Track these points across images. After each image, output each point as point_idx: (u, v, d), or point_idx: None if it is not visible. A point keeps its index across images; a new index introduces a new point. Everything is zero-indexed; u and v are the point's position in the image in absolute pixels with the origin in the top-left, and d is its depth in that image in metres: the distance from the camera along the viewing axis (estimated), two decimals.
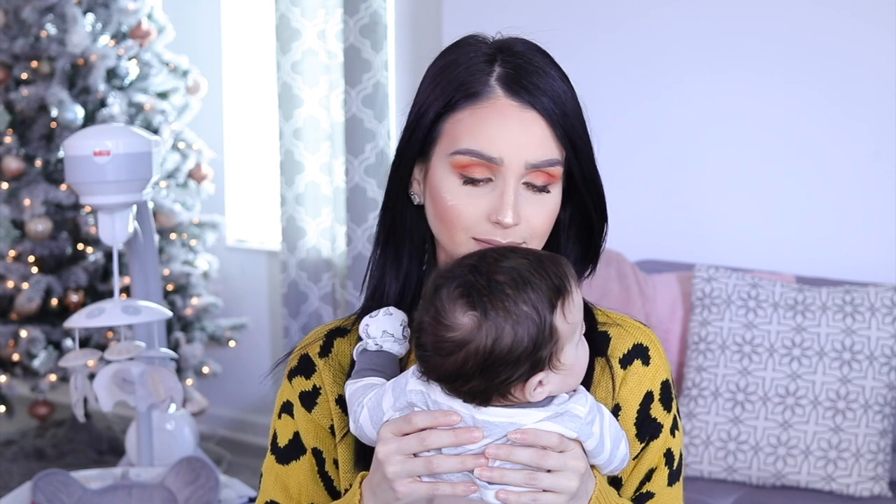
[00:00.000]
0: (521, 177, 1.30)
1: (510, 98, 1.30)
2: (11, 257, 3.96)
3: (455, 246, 1.32)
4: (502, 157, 1.28)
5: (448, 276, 1.21)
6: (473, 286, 1.19)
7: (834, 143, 3.12)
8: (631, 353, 1.38)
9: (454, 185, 1.30)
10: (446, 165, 1.31)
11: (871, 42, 3.03)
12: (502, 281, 1.19)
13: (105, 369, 2.44)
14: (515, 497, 1.20)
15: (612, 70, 3.40)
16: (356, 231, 3.91)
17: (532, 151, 1.29)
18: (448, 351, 1.19)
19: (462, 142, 1.30)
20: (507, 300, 1.18)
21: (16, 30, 3.99)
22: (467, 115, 1.30)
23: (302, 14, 3.93)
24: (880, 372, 2.74)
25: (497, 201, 1.29)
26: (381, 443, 1.23)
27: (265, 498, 1.43)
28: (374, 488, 1.25)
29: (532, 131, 1.29)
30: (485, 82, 1.30)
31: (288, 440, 1.42)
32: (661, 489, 1.37)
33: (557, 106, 1.30)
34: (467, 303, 1.18)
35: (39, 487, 2.36)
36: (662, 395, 1.38)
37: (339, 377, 1.40)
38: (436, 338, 1.19)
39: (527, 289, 1.19)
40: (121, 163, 2.38)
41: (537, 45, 1.35)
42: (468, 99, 1.30)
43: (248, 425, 4.49)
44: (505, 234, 1.30)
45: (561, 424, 1.21)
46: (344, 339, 1.43)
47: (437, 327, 1.19)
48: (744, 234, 3.25)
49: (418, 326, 1.22)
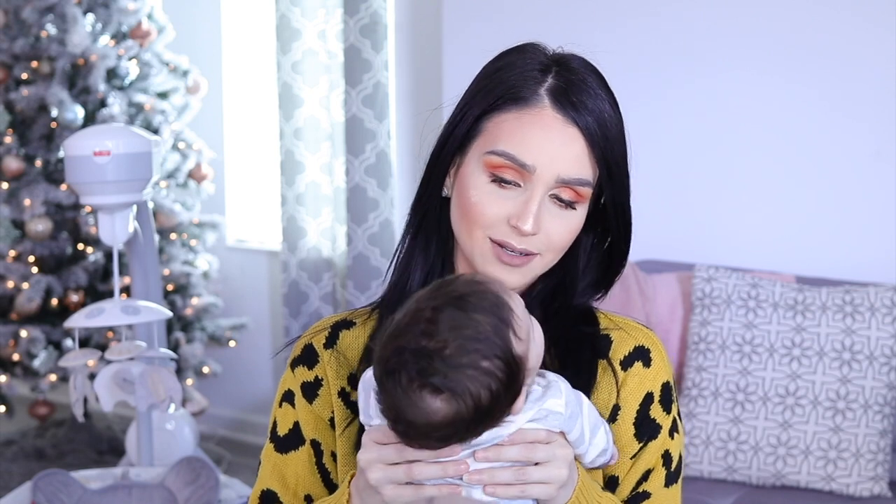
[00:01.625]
0: (550, 189, 1.30)
1: (556, 111, 1.30)
2: (11, 257, 3.96)
3: (472, 242, 1.32)
4: (535, 165, 1.29)
5: (393, 367, 1.16)
6: (426, 371, 1.15)
7: (834, 143, 3.12)
8: (632, 355, 1.38)
9: (482, 183, 1.31)
10: (479, 162, 1.31)
11: (871, 42, 3.03)
12: (450, 353, 1.16)
13: (106, 369, 2.44)
14: (503, 490, 1.21)
15: (612, 70, 3.38)
16: (356, 231, 3.91)
17: (566, 167, 1.29)
18: (435, 427, 1.17)
19: (500, 143, 1.30)
20: (466, 368, 1.16)
21: (16, 30, 3.99)
22: (511, 117, 1.31)
23: (302, 14, 3.93)
24: (880, 372, 2.74)
25: (521, 207, 1.29)
26: (363, 450, 1.23)
27: (262, 486, 1.43)
28: (361, 492, 1.26)
29: (570, 147, 1.30)
30: (535, 90, 1.31)
31: (288, 429, 1.42)
32: (657, 490, 1.38)
33: (601, 128, 1.31)
34: (431, 389, 1.15)
35: (39, 487, 2.36)
36: (662, 396, 1.38)
37: (343, 370, 1.40)
38: (417, 428, 1.17)
39: (477, 343, 1.16)
40: (121, 163, 2.38)
41: (594, 66, 1.36)
42: (515, 102, 1.31)
43: (248, 425, 4.49)
44: (521, 240, 1.30)
45: (544, 424, 1.22)
46: (350, 331, 1.43)
47: (414, 417, 1.16)
48: (744, 234, 3.24)
49: (396, 419, 1.18)
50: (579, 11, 3.44)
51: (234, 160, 4.50)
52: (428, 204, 1.38)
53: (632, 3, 3.38)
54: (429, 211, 1.38)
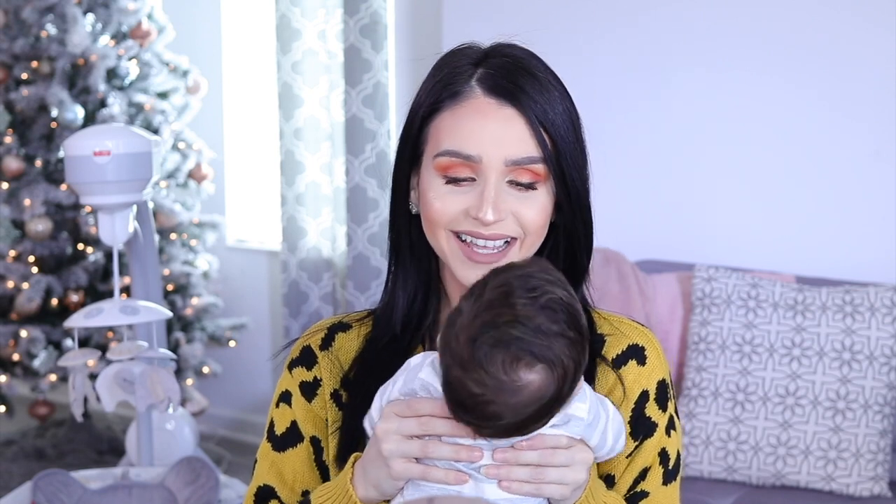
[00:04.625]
0: (503, 174, 1.29)
1: (489, 96, 1.30)
2: (11, 257, 3.96)
3: (441, 245, 1.32)
4: (481, 154, 1.28)
5: (486, 339, 1.14)
6: (521, 339, 1.14)
7: (834, 143, 3.12)
8: (625, 354, 1.38)
9: (438, 185, 1.31)
10: (431, 169, 1.31)
11: (871, 42, 3.03)
12: (540, 322, 1.14)
13: (107, 369, 2.44)
14: (518, 486, 1.21)
15: (611, 70, 3.40)
16: (356, 231, 3.91)
17: (511, 149, 1.29)
18: (515, 412, 1.15)
19: (443, 143, 1.30)
20: (558, 336, 1.15)
21: (16, 30, 3.99)
22: (448, 115, 1.31)
23: (302, 14, 3.93)
24: (880, 372, 2.74)
25: (478, 198, 1.29)
26: (383, 420, 1.23)
27: (258, 482, 1.43)
28: (367, 465, 1.26)
29: (511, 128, 1.29)
30: (466, 83, 1.31)
31: (285, 428, 1.42)
32: (655, 488, 1.37)
33: (538, 103, 1.29)
34: (529, 360, 1.14)
35: (39, 487, 2.36)
36: (658, 394, 1.38)
37: (337, 372, 1.41)
38: (497, 406, 1.15)
39: (560, 314, 1.15)
40: (121, 163, 2.38)
41: (529, 49, 1.35)
42: (450, 99, 1.31)
43: (248, 425, 4.49)
44: (489, 228, 1.29)
45: (565, 430, 1.21)
46: (346, 333, 1.43)
47: (499, 395, 1.14)
48: (744, 234, 3.24)
49: (462, 400, 1.16)
50: (579, 11, 3.44)
51: (234, 160, 4.50)
52: (399, 225, 1.38)
53: (632, 3, 3.38)
54: (401, 232, 1.38)
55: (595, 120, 1.36)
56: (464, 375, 1.15)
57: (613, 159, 3.35)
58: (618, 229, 3.30)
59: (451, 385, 1.17)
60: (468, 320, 1.16)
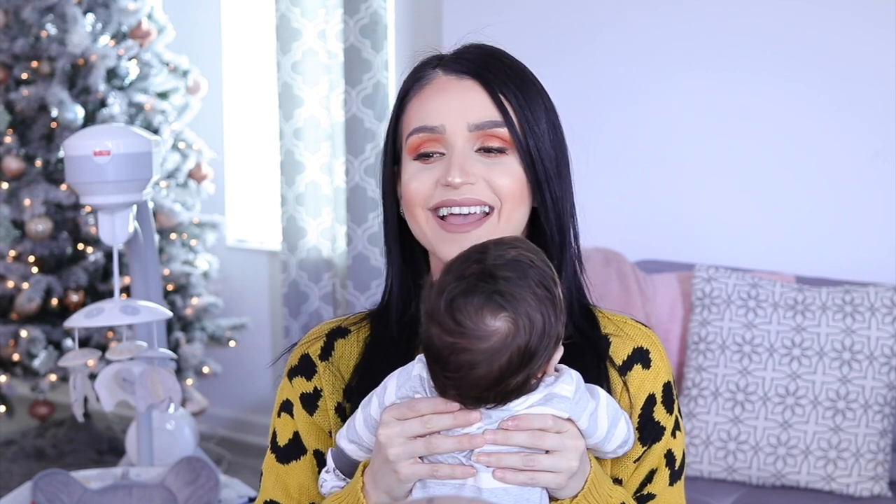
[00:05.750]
0: (469, 141, 1.32)
1: (448, 74, 1.36)
2: (11, 257, 3.96)
3: (422, 227, 1.34)
4: (444, 124, 1.32)
5: (454, 290, 1.19)
6: (488, 289, 1.17)
7: (834, 143, 3.12)
8: (631, 358, 1.38)
9: (411, 168, 1.35)
10: (406, 156, 1.36)
11: (871, 42, 3.03)
12: (509, 275, 1.18)
13: (106, 369, 2.44)
14: (513, 475, 1.21)
15: (611, 69, 3.40)
16: (356, 231, 3.91)
17: (473, 114, 1.32)
18: (488, 360, 1.17)
19: (412, 125, 1.35)
20: (525, 289, 1.18)
21: (16, 30, 3.99)
22: (414, 101, 1.36)
23: (302, 14, 3.93)
24: (880, 372, 2.74)
25: (446, 166, 1.32)
26: (383, 426, 1.23)
27: (265, 497, 1.43)
28: (375, 473, 1.26)
29: (470, 96, 1.33)
30: (428, 69, 1.38)
31: (288, 440, 1.42)
32: (661, 490, 1.38)
33: (496, 74, 1.34)
34: (494, 307, 1.17)
35: (39, 487, 2.36)
36: (664, 397, 1.38)
37: (339, 384, 1.40)
38: (470, 354, 1.17)
39: (530, 269, 1.19)
40: (121, 163, 2.38)
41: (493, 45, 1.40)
42: (415, 85, 1.37)
43: (248, 425, 4.49)
44: (460, 192, 1.31)
45: (551, 407, 1.22)
46: (345, 339, 1.43)
47: (470, 342, 1.17)
48: (744, 234, 3.24)
49: (443, 355, 1.19)
50: (578, 11, 3.44)
51: (234, 160, 4.50)
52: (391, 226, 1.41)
53: (633, 3, 3.38)
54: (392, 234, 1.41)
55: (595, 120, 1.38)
56: (436, 327, 1.19)
57: (613, 159, 3.35)
58: (618, 229, 3.30)
59: (429, 340, 1.20)
60: (442, 277, 1.21)
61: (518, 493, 1.23)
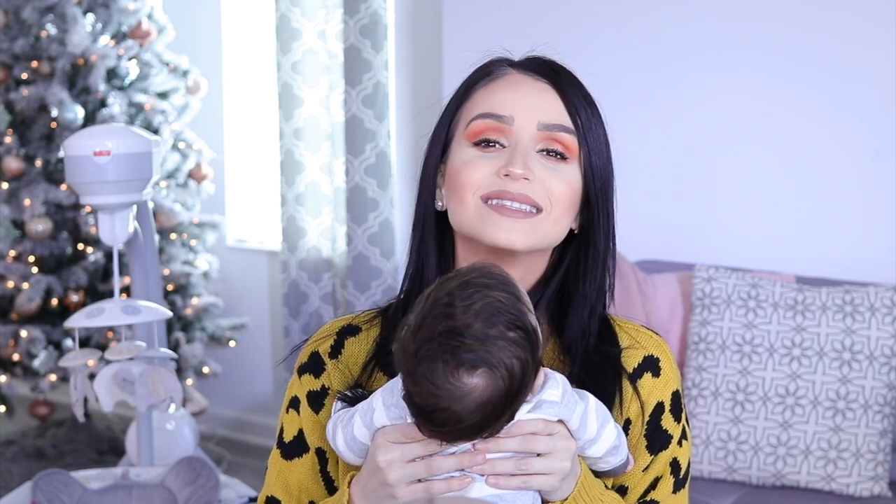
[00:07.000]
0: (535, 139, 1.31)
1: (522, 73, 1.35)
2: (11, 257, 3.96)
3: (468, 212, 1.31)
4: (513, 115, 1.31)
5: (425, 355, 1.16)
6: (459, 349, 1.16)
7: (834, 142, 3.12)
8: (641, 367, 1.38)
9: (466, 152, 1.32)
10: (462, 140, 1.33)
11: (871, 42, 3.03)
12: (478, 328, 1.16)
13: (106, 369, 2.44)
14: (506, 481, 1.21)
15: (612, 69, 3.40)
16: (356, 231, 3.91)
17: (544, 113, 1.32)
18: (472, 413, 1.17)
19: (476, 110, 1.33)
20: (496, 339, 1.16)
21: (16, 30, 3.99)
22: (481, 90, 1.34)
23: (302, 14, 3.93)
24: (880, 372, 2.74)
25: (508, 157, 1.30)
26: (381, 451, 1.23)
27: (267, 492, 1.44)
28: (369, 494, 1.25)
29: (544, 95, 1.33)
30: (499, 66, 1.36)
31: (293, 436, 1.42)
32: (665, 497, 1.38)
33: (569, 82, 1.35)
34: (467, 367, 1.16)
35: (39, 487, 2.36)
36: (673, 405, 1.38)
37: (347, 383, 1.40)
38: (453, 410, 1.17)
39: (499, 316, 1.17)
40: (121, 163, 2.38)
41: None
42: (483, 79, 1.35)
43: (248, 425, 4.49)
44: (516, 185, 1.29)
45: (540, 412, 1.22)
46: (356, 338, 1.42)
47: (451, 401, 1.16)
48: (744, 234, 3.24)
49: (426, 412, 1.18)
50: (580, 11, 3.44)
51: (234, 160, 4.50)
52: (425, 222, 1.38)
53: (633, 2, 3.38)
54: (426, 228, 1.38)
55: None
56: (415, 388, 1.18)
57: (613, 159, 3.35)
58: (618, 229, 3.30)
59: (409, 397, 1.19)
60: (411, 334, 1.18)
61: (511, 499, 1.23)
